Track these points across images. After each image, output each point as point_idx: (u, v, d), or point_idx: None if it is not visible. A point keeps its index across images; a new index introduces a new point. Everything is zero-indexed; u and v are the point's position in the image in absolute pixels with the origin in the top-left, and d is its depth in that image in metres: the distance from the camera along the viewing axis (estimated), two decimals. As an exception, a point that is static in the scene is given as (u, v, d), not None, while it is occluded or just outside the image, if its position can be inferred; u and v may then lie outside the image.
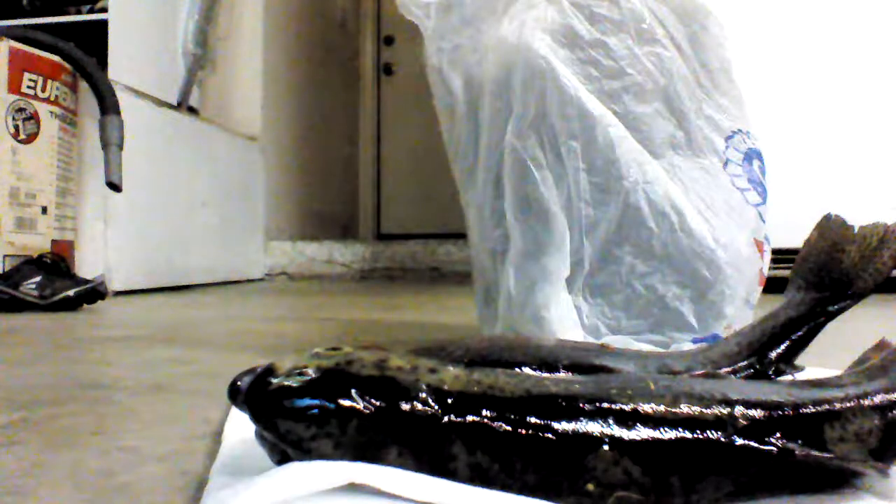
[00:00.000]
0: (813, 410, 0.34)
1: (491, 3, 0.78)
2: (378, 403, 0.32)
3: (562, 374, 0.43)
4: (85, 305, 1.47)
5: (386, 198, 3.96)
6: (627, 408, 0.32)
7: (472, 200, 0.82)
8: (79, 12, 2.09)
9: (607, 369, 0.44)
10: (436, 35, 0.81)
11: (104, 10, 1.98)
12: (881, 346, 0.43)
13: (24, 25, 1.84)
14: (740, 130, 0.76)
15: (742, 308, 0.74)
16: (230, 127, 2.56)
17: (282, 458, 0.33)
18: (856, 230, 0.53)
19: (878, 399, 0.36)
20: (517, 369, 0.42)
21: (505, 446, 0.31)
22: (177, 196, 2.16)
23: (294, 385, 0.32)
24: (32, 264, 1.50)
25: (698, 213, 0.72)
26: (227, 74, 2.61)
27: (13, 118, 1.62)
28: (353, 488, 0.29)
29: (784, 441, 0.32)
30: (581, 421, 0.32)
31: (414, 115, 3.42)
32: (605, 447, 0.31)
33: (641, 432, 0.32)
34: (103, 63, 1.83)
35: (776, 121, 1.79)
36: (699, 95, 0.75)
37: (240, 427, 0.41)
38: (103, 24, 1.91)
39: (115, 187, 1.66)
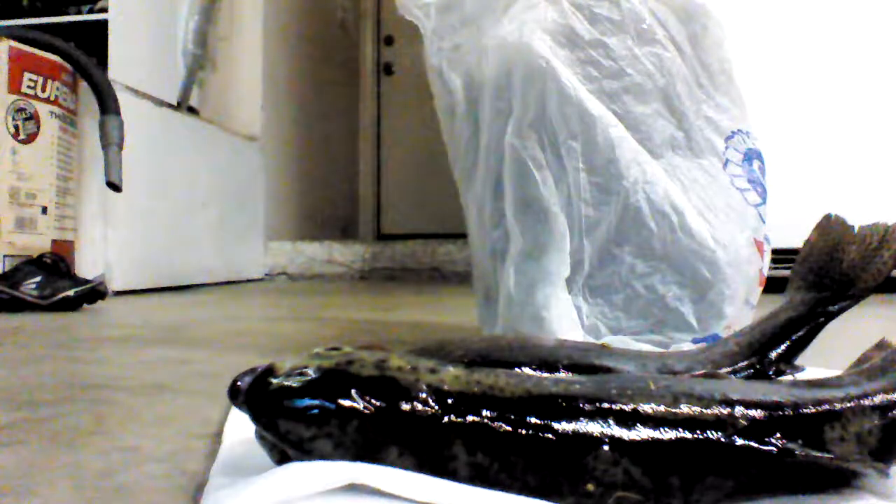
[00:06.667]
0: (813, 410, 0.34)
1: (491, 3, 0.78)
2: (378, 403, 0.32)
3: (562, 374, 0.43)
4: (85, 305, 1.47)
5: (386, 198, 3.96)
6: (627, 408, 0.32)
7: (472, 200, 0.82)
8: (79, 12, 2.09)
9: (607, 369, 0.44)
10: (436, 35, 0.82)
11: (104, 10, 1.98)
12: (881, 346, 0.43)
13: (24, 25, 1.84)
14: (740, 130, 0.76)
15: (742, 308, 0.74)
16: (230, 127, 2.56)
17: (282, 458, 0.33)
18: (856, 230, 0.53)
19: (878, 399, 0.36)
20: (517, 369, 0.42)
21: (505, 446, 0.31)
22: (177, 196, 2.16)
23: (294, 385, 0.32)
24: (32, 264, 1.50)
25: (698, 213, 0.72)
26: (227, 74, 2.61)
27: (13, 118, 1.62)
28: (353, 488, 0.29)
29: (784, 441, 0.32)
30: (581, 421, 0.32)
31: (414, 115, 3.42)
32: (605, 447, 0.31)
33: (641, 433, 0.32)
34: (103, 63, 1.83)
35: (776, 121, 1.79)
36: (699, 95, 0.75)
37: (240, 427, 0.41)
38: (103, 24, 1.91)
39: (115, 187, 1.66)
